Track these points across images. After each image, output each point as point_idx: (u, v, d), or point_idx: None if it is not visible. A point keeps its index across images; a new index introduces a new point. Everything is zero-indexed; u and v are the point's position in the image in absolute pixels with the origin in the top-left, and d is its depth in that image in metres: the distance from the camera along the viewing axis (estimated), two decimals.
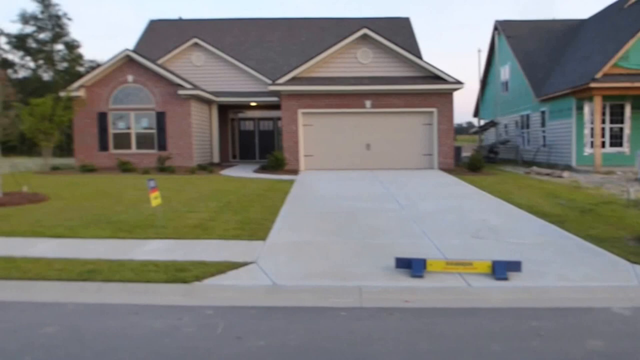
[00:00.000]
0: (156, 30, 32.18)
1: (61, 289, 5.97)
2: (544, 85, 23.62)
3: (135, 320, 5.01)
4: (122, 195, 13.09)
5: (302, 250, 7.62)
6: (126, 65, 21.75)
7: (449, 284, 6.11)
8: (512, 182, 16.02)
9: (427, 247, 7.79)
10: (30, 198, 12.02)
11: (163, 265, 6.66)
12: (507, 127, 29.46)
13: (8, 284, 6.07)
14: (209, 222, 9.43)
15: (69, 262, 6.77)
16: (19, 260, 6.84)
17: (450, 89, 19.66)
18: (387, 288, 6.02)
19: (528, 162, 24.27)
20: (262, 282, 6.20)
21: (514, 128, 28.00)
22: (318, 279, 6.25)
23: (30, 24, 47.50)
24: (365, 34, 19.81)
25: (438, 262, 6.56)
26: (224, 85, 25.11)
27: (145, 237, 8.33)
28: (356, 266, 6.76)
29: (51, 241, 8.06)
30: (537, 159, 23.71)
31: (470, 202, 11.85)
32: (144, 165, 21.30)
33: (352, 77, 19.88)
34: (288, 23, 33.09)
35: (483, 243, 7.98)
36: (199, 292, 5.92)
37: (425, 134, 19.95)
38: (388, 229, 9.03)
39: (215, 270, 6.47)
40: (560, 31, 27.74)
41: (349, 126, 20.00)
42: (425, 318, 5.13)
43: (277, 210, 10.73)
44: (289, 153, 19.88)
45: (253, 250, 7.51)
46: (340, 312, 5.28)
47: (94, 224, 9.27)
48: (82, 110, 21.64)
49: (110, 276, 6.23)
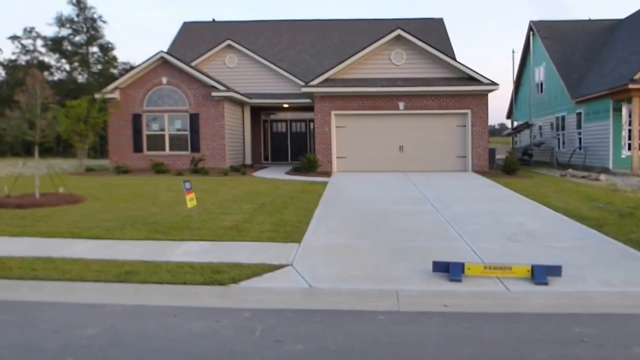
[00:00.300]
0: (190, 32, 32.59)
1: (99, 290, 6.03)
2: (580, 87, 23.09)
3: (174, 322, 5.02)
4: (157, 196, 13.23)
5: (337, 253, 7.57)
6: (160, 67, 22.05)
7: (488, 289, 5.99)
8: (548, 185, 15.68)
9: (463, 250, 7.66)
10: (67, 199, 12.24)
11: (199, 267, 6.68)
12: (541, 129, 28.89)
13: (48, 285, 6.16)
14: (244, 224, 9.46)
15: (106, 264, 6.84)
16: (57, 261, 6.95)
17: (485, 90, 19.37)
18: (425, 292, 5.92)
19: (563, 165, 23.70)
20: (298, 284, 6.16)
21: (548, 130, 27.41)
22: (354, 282, 6.19)
23: (66, 27, 48.60)
24: (399, 34, 19.67)
25: (476, 266, 6.43)
26: (257, 87, 25.25)
27: (181, 238, 8.39)
28: (392, 269, 6.67)
29: (88, 242, 8.17)
30: (572, 161, 23.14)
31: (505, 205, 11.63)
32: (177, 166, 21.54)
33: (385, 79, 19.76)
34: (320, 25, 33.14)
35: (520, 247, 7.82)
36: (236, 294, 5.91)
37: (459, 135, 19.69)
38: (423, 232, 8.92)
39: (251, 272, 6.46)
40: (596, 31, 27.11)
41: (382, 128, 19.87)
42: (466, 323, 5.01)
43: (311, 213, 10.70)
44: (321, 155, 19.85)
45: (288, 252, 7.49)
46: (379, 316, 5.21)
47: (130, 225, 9.37)
48: (116, 112, 22.02)
49: (147, 278, 6.27)
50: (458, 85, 19.23)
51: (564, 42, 26.71)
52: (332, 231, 9.05)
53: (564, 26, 28.32)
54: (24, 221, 9.83)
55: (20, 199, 12.00)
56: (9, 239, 8.40)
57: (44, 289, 6.06)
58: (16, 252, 7.40)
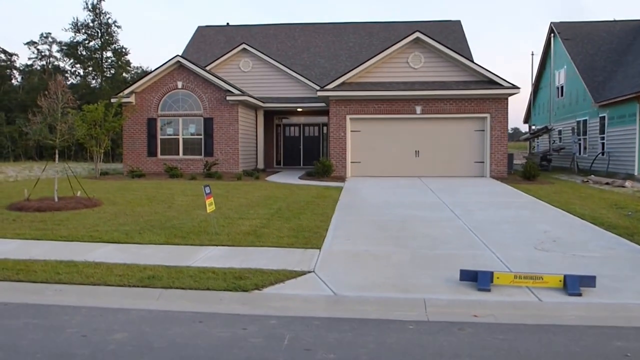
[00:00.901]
0: (204, 37, 32.67)
1: (123, 294, 5.98)
2: (604, 90, 22.60)
3: (201, 328, 4.93)
4: (173, 201, 13.19)
5: (359, 260, 7.45)
6: (176, 72, 22.08)
7: (519, 299, 5.83)
8: (571, 191, 15.41)
9: (488, 258, 7.50)
10: (85, 203, 12.23)
11: (221, 272, 6.60)
12: (561, 134, 28.37)
13: (72, 289, 6.13)
14: (262, 229, 9.37)
15: (128, 268, 6.79)
16: (80, 265, 6.92)
17: (506, 94, 19.07)
18: (453, 301, 5.79)
19: (584, 171, 23.23)
20: (322, 292, 6.06)
21: (569, 134, 26.74)
22: (379, 290, 6.06)
23: (81, 33, 48.96)
24: (417, 37, 19.45)
25: (506, 275, 6.28)
26: (271, 91, 25.19)
27: (200, 243, 8.33)
28: (417, 277, 6.54)
29: (108, 246, 8.17)
30: (594, 167, 22.64)
31: (529, 213, 11.43)
32: (190, 170, 21.54)
33: (402, 82, 19.56)
34: (335, 28, 32.90)
35: (548, 256, 7.64)
36: (260, 301, 5.81)
37: (477, 140, 19.41)
38: (445, 239, 8.77)
39: (274, 279, 6.37)
40: (621, 33, 26.54)
41: (398, 132, 19.68)
42: (499, 334, 4.87)
43: (329, 218, 10.60)
44: (335, 160, 19.70)
45: (309, 259, 7.39)
46: (408, 326, 5.08)
47: (149, 230, 9.34)
48: (131, 116, 22.06)
49: (170, 283, 6.20)
50: (477, 89, 18.94)
51: (587, 44, 26.19)
52: (352, 237, 8.93)
53: (587, 27, 27.73)
54: (44, 224, 9.84)
55: (40, 202, 12.01)
56: (30, 242, 8.42)
57: (68, 293, 6.04)
58: (39, 256, 7.41)
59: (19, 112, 44.52)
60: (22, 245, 8.22)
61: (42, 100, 12.53)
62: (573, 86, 26.24)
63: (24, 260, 7.13)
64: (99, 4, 48.78)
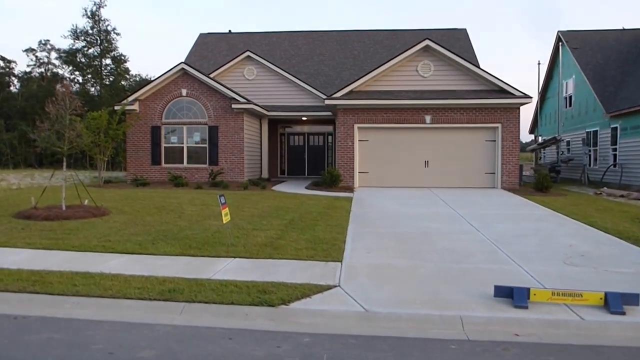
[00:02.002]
0: (206, 44, 32.47)
1: (145, 308, 5.74)
2: (615, 100, 22.30)
3: (233, 346, 4.67)
4: (182, 210, 12.93)
5: (383, 273, 7.20)
6: (181, 79, 21.86)
7: (559, 317, 5.57)
8: (587, 203, 15.14)
9: (518, 273, 7.25)
10: (93, 212, 11.95)
11: (244, 285, 6.35)
12: (569, 145, 28.02)
13: (91, 301, 5.89)
14: (278, 241, 9.12)
15: (146, 280, 6.55)
16: (97, 276, 6.68)
17: (517, 104, 18.78)
18: (490, 319, 5.53)
19: (595, 183, 22.90)
20: (351, 307, 5.80)
21: (577, 145, 26.40)
22: (411, 307, 5.81)
23: (80, 40, 48.72)
24: (427, 45, 19.20)
25: (543, 292, 6.02)
26: (275, 99, 24.93)
27: (216, 255, 8.09)
28: (448, 293, 6.29)
29: (123, 257, 7.94)
30: (605, 179, 22.34)
31: (549, 225, 11.18)
32: (195, 179, 21.27)
33: (412, 91, 19.32)
34: (339, 36, 32.64)
35: (579, 271, 7.38)
36: (288, 316, 5.56)
37: (488, 151, 19.14)
38: (469, 253, 8.51)
39: (299, 293, 6.12)
40: (630, 41, 26.22)
41: (407, 142, 19.42)
42: (546, 355, 4.62)
43: (344, 230, 10.35)
44: (343, 169, 19.42)
45: (332, 272, 7.15)
46: (450, 345, 4.83)
47: (162, 240, 9.10)
48: (135, 124, 21.80)
49: (192, 296, 5.95)
50: (489, 98, 18.67)
51: (596, 53, 25.85)
52: (372, 250, 8.67)
53: (595, 36, 27.39)
54: (54, 233, 9.59)
55: (47, 210, 11.73)
56: (42, 252, 8.20)
57: (87, 306, 5.81)
58: (53, 266, 7.18)
59: (18, 119, 44.22)
60: (34, 255, 7.98)
61: (49, 106, 12.27)
62: (582, 96, 25.95)
63: (38, 271, 6.91)
64: (98, 11, 48.61)
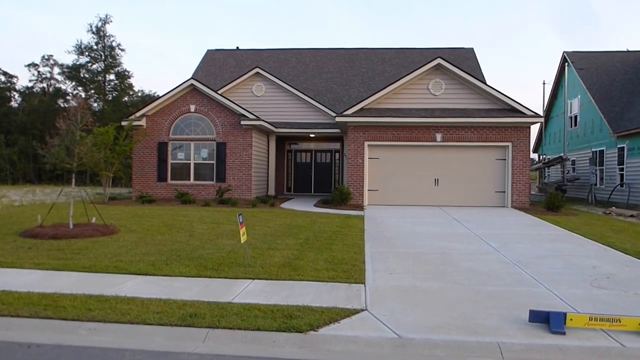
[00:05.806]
0: (213, 60, 32.43)
1: (166, 335, 5.45)
2: (622, 120, 22.30)
3: None
4: (193, 228, 12.68)
5: (410, 296, 6.94)
6: (189, 95, 21.70)
7: (600, 344, 5.32)
8: (600, 223, 14.91)
9: (547, 297, 7.00)
10: (102, 230, 11.68)
11: (268, 309, 6.09)
12: (575, 164, 27.95)
13: (108, 327, 5.60)
14: (296, 261, 8.87)
15: (165, 304, 6.27)
16: (112, 300, 6.40)
17: (528, 123, 18.63)
18: (529, 346, 5.28)
19: (602, 202, 22.73)
20: (383, 333, 5.54)
21: (583, 165, 26.35)
22: (445, 332, 5.56)
23: (85, 55, 48.75)
24: (439, 63, 19.09)
25: (580, 317, 5.76)
26: (283, 115, 24.75)
27: (234, 276, 7.82)
28: (481, 317, 6.03)
29: (137, 278, 7.67)
30: (612, 198, 22.19)
31: (568, 246, 10.92)
32: (201, 196, 21.02)
33: (423, 109, 19.18)
34: (347, 53, 32.61)
35: (608, 294, 7.13)
36: (319, 344, 5.30)
37: (499, 169, 18.94)
38: (493, 274, 8.26)
39: (327, 318, 5.86)
40: (635, 62, 26.36)
41: (417, 160, 19.22)
42: None
43: (362, 250, 10.11)
44: (352, 187, 19.18)
45: (357, 295, 6.90)
46: None
47: (175, 260, 8.84)
48: (142, 140, 21.58)
49: (216, 322, 5.68)
50: (500, 117, 18.52)
51: (602, 74, 25.93)
52: (394, 272, 8.41)
53: (601, 57, 27.55)
54: (62, 253, 9.32)
55: (55, 229, 11.44)
56: (52, 273, 7.91)
57: (105, 332, 5.52)
58: (65, 289, 6.89)
59: (18, 135, 44.08)
60: (44, 276, 7.69)
61: (60, 121, 12.08)
62: (588, 116, 25.91)
63: (50, 294, 6.61)
64: (103, 27, 48.74)
